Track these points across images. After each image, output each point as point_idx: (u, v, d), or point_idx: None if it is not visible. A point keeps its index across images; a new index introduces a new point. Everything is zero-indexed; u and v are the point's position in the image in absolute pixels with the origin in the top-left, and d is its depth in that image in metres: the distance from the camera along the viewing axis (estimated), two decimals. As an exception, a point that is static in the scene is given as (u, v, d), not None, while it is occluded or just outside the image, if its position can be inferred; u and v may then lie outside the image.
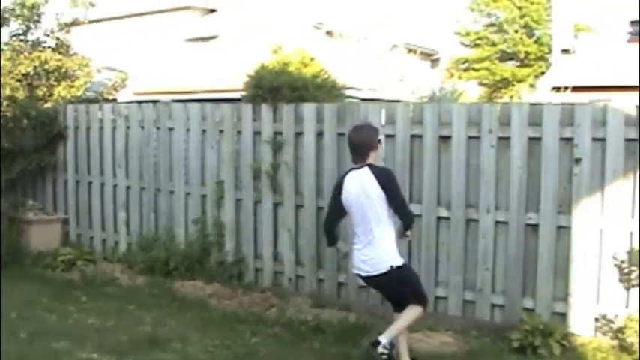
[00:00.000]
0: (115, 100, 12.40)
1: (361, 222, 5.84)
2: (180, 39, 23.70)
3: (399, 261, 5.83)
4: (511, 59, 43.19)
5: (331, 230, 6.27)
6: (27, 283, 8.64)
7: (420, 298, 5.97)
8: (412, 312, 5.89)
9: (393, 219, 5.89)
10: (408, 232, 6.08)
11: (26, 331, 6.80)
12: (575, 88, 22.35)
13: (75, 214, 10.32)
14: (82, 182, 10.20)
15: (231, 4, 24.15)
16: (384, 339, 5.69)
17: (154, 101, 10.22)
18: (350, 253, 6.14)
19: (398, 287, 5.93)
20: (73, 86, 11.27)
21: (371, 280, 5.96)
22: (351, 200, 5.87)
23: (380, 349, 5.64)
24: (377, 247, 5.78)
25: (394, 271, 5.77)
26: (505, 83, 40.02)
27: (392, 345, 5.77)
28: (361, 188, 5.79)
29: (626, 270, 6.67)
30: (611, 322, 6.71)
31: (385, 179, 5.83)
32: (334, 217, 6.22)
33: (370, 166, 5.83)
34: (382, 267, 5.78)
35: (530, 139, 6.98)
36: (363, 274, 5.90)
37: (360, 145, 5.89)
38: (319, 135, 8.09)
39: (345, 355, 6.47)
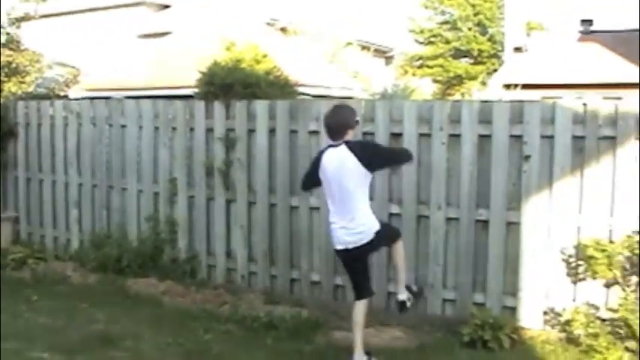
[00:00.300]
0: (66, 96, 12.31)
1: (340, 196, 5.96)
2: (133, 35, 23.55)
3: (377, 225, 6.02)
4: (465, 56, 43.62)
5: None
6: (-24, 283, 8.49)
7: (395, 235, 6.33)
8: (398, 250, 6.33)
9: (368, 189, 6.07)
10: None
11: (-26, 332, 6.69)
12: (527, 86, 22.65)
13: (26, 212, 10.19)
14: (32, 180, 10.07)
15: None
16: (402, 296, 6.37)
17: (107, 98, 10.14)
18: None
19: (379, 246, 6.31)
20: (23, 82, 11.17)
21: (355, 252, 6.04)
22: (330, 175, 5.99)
23: (408, 304, 6.39)
24: (361, 219, 5.94)
25: (376, 235, 5.98)
26: (459, 80, 40.40)
27: (409, 288, 6.45)
28: (340, 162, 5.91)
29: (573, 264, 6.79)
30: (559, 315, 6.83)
31: (359, 148, 5.99)
32: (310, 185, 6.49)
33: (347, 142, 5.94)
34: (369, 235, 5.95)
35: (481, 136, 7.08)
36: (351, 246, 5.99)
37: (339, 124, 6.01)
38: (272, 132, 8.10)
39: (297, 350, 6.51)
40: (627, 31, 25.34)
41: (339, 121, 6.02)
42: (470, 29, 42.72)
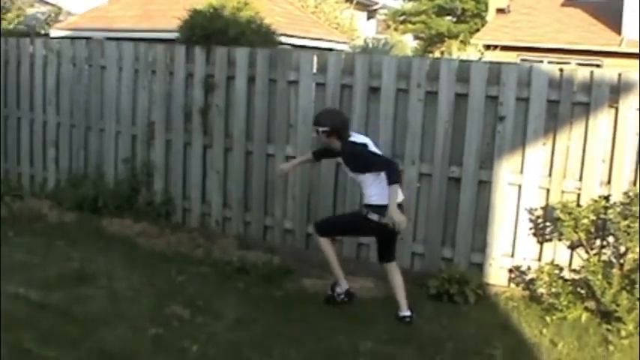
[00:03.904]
0: (47, 34, 12.20)
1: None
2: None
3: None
4: (448, 15, 43.47)
5: None
6: (-49, 216, 8.48)
7: None
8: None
9: None
10: None
11: (-49, 263, 6.72)
12: (507, 48, 22.73)
13: (3, 149, 10.11)
14: (11, 117, 10.01)
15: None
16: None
17: (87, 38, 10.09)
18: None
19: None
20: (4, 19, 11.01)
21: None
22: None
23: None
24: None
25: None
26: (440, 38, 40.35)
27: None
28: None
29: (540, 225, 6.96)
30: (524, 273, 7.03)
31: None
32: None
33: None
34: None
35: (458, 94, 7.17)
36: None
37: None
38: (251, 80, 8.13)
39: (268, 295, 6.65)
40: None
41: None
42: (455, -13, 42.55)
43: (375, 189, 6.04)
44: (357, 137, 6.32)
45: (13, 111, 9.98)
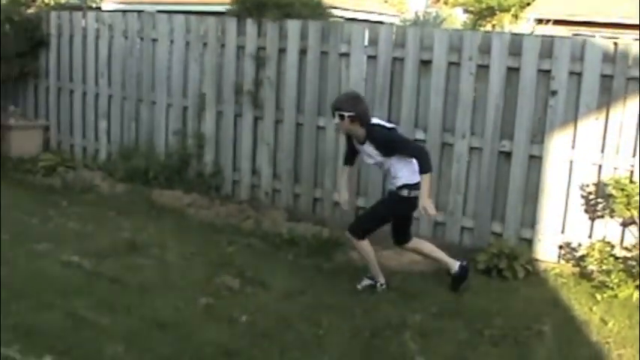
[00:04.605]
0: (99, 8, 12.27)
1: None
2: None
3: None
4: (498, -12, 42.77)
5: None
6: (7, 187, 8.62)
7: None
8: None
9: None
10: None
11: (8, 232, 6.84)
12: (559, 22, 22.34)
13: (56, 121, 10.31)
14: (63, 89, 10.17)
15: None
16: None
17: (139, 11, 10.16)
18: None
19: None
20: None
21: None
22: None
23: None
24: None
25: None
26: (491, 12, 39.76)
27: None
28: None
29: (592, 202, 6.88)
30: (575, 250, 6.96)
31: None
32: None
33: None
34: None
35: (509, 68, 7.10)
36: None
37: None
38: (302, 52, 8.14)
39: (317, 267, 6.71)
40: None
41: None
42: (506, -40, 41.91)
43: (407, 170, 5.96)
44: (378, 121, 6.21)
45: (65, 83, 10.13)
